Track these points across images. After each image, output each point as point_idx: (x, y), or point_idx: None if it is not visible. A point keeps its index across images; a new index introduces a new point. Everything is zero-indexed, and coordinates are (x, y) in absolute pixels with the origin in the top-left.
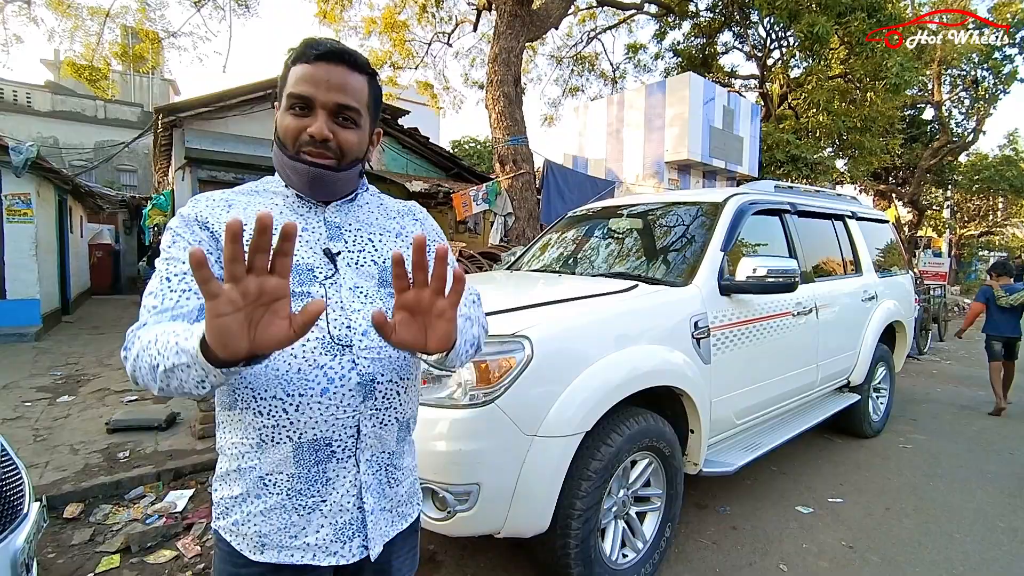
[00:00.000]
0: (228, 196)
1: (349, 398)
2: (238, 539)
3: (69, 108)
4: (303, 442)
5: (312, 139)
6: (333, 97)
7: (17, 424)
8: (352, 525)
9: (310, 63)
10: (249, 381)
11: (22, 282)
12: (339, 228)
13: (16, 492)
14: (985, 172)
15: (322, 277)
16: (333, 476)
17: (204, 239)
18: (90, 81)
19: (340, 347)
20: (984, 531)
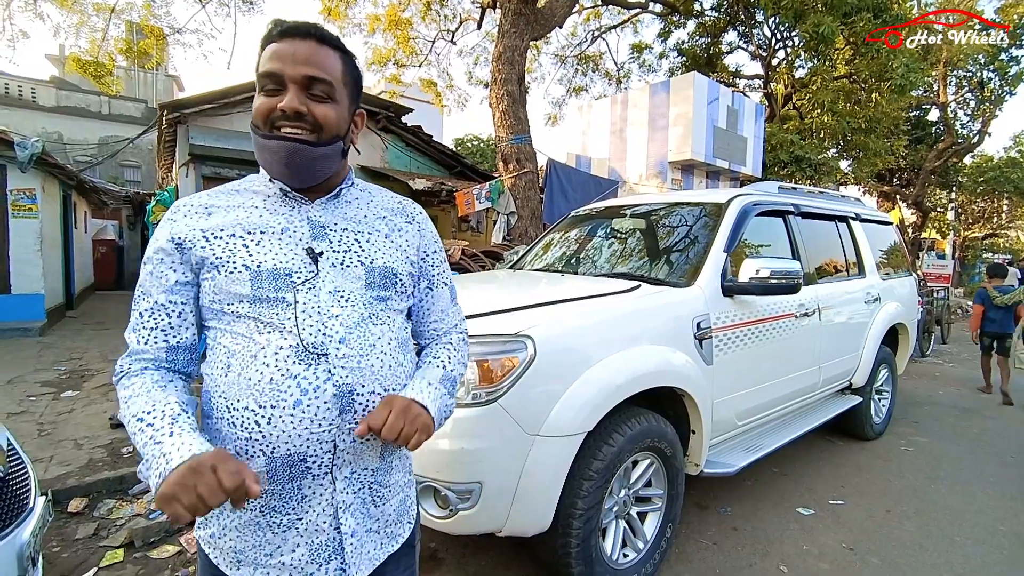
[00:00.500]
0: (209, 201)
1: (324, 411)
2: (215, 552)
3: (73, 104)
4: (276, 457)
5: (284, 114)
6: (301, 70)
7: (22, 418)
8: (328, 547)
9: (278, 41)
10: (223, 390)
11: (27, 277)
12: (323, 227)
13: (22, 486)
14: (990, 174)
15: (299, 281)
16: (309, 494)
17: (172, 251)
18: (95, 77)
19: (315, 356)
20: (985, 534)
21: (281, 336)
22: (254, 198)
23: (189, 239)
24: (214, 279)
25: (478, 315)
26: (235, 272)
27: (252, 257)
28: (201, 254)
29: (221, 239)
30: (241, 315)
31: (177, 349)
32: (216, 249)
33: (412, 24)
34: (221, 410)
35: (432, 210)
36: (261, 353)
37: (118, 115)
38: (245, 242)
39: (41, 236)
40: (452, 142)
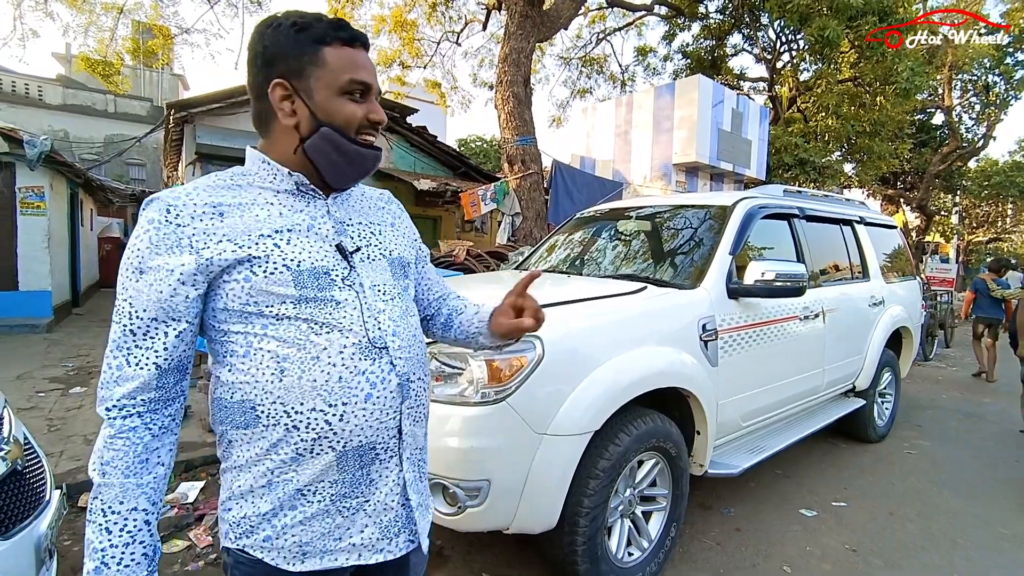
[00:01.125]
0: (212, 198)
1: (391, 400)
2: (272, 554)
3: (80, 102)
4: (348, 450)
5: (373, 124)
6: (377, 82)
7: (32, 414)
8: (398, 522)
9: (355, 48)
10: (278, 396)
11: (34, 274)
12: (343, 223)
13: (39, 480)
14: (995, 178)
15: (339, 278)
16: (376, 477)
17: (188, 265)
18: (104, 76)
19: (378, 350)
20: (987, 538)
21: (342, 335)
22: (263, 193)
23: (215, 250)
24: (250, 282)
25: None
26: (276, 273)
27: (289, 256)
28: (231, 258)
29: (251, 239)
30: (286, 316)
31: (168, 372)
32: (250, 251)
33: (417, 25)
34: (276, 415)
35: (436, 210)
36: (324, 354)
37: (124, 113)
38: (276, 241)
39: (49, 233)
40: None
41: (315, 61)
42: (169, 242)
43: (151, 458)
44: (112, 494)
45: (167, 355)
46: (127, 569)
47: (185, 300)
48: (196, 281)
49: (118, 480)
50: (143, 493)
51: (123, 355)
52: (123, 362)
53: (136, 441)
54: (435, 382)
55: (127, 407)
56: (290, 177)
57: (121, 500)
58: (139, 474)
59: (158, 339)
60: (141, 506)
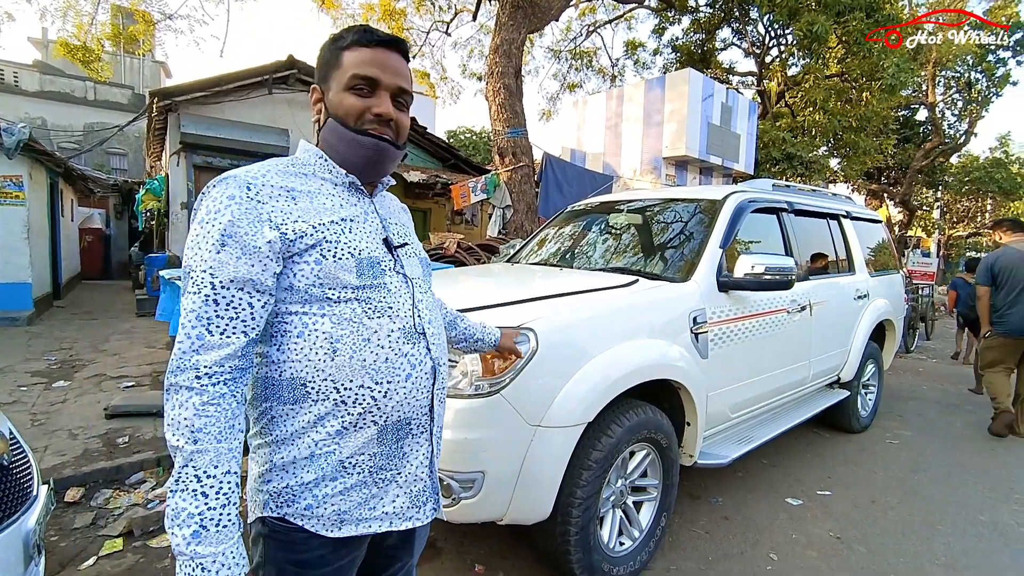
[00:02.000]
0: (285, 182)
1: (425, 380)
2: (312, 521)
3: (58, 88)
4: (388, 424)
5: (378, 117)
6: (396, 81)
7: (14, 408)
8: (426, 492)
9: (371, 48)
10: (329, 373)
11: (14, 266)
12: (385, 220)
13: (25, 474)
14: (975, 174)
15: (388, 268)
16: (408, 451)
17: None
18: (83, 62)
19: (418, 335)
20: (966, 523)
21: (391, 320)
22: (325, 185)
23: (296, 229)
24: (320, 264)
25: (480, 308)
26: (343, 259)
27: (353, 244)
28: (310, 241)
29: (324, 225)
30: (344, 300)
31: (253, 342)
32: (326, 235)
33: (406, 15)
34: (325, 391)
35: (426, 203)
36: (374, 336)
37: (104, 101)
38: (342, 228)
39: (28, 224)
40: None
41: (336, 64)
42: (251, 217)
43: (236, 424)
44: (207, 459)
45: (254, 324)
46: (225, 530)
47: (268, 273)
48: (278, 256)
49: (212, 446)
50: (233, 457)
51: (203, 325)
52: (203, 331)
53: (226, 407)
54: None
55: (217, 374)
56: (346, 176)
57: (216, 464)
58: (229, 439)
59: (243, 309)
60: (232, 469)
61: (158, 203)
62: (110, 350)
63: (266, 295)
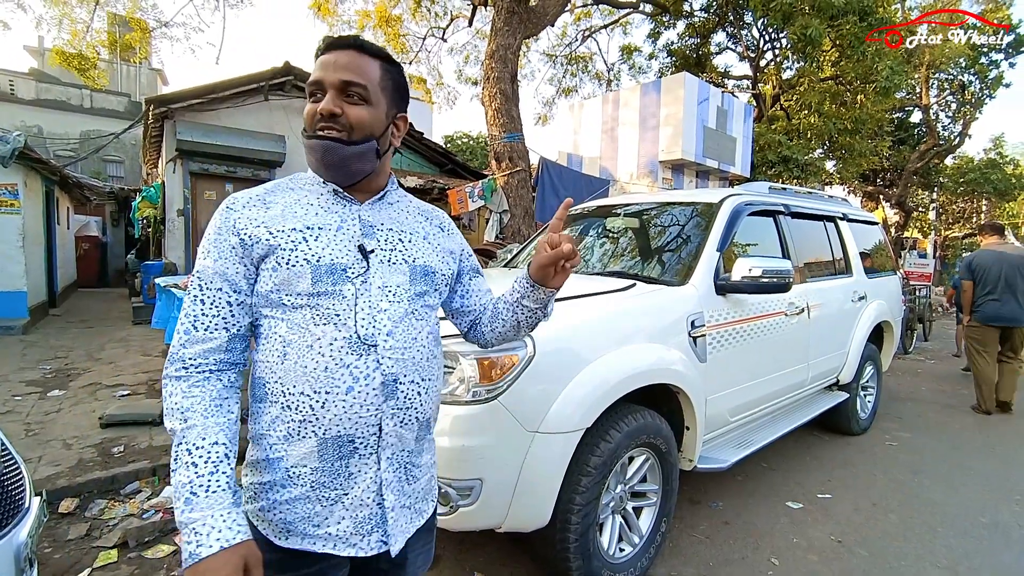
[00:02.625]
0: (265, 194)
1: (372, 397)
2: (264, 524)
3: (54, 96)
4: (327, 438)
5: (322, 116)
6: (337, 75)
7: (8, 418)
8: (371, 520)
9: (324, 54)
10: (279, 376)
11: (9, 274)
12: (372, 226)
13: (17, 486)
14: (970, 175)
15: (354, 276)
16: (355, 471)
17: (236, 245)
18: (80, 70)
19: (366, 347)
20: (966, 525)
21: (336, 328)
22: (308, 195)
23: (253, 234)
24: (276, 271)
25: None
26: (297, 266)
27: (312, 251)
28: (266, 248)
29: (284, 232)
30: (299, 306)
31: (235, 338)
32: (281, 242)
33: (402, 21)
34: (276, 394)
35: None
36: (317, 343)
37: (100, 109)
38: (305, 236)
39: (23, 232)
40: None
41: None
42: (226, 225)
43: (224, 404)
44: (195, 433)
45: (234, 321)
46: (214, 495)
47: (240, 275)
48: (244, 260)
49: (199, 420)
50: (221, 430)
51: (190, 322)
52: (190, 327)
53: (210, 388)
54: None
55: (201, 364)
56: (325, 185)
57: (203, 436)
58: (216, 414)
59: (224, 307)
60: (221, 440)
61: (154, 210)
62: (106, 358)
63: (241, 294)
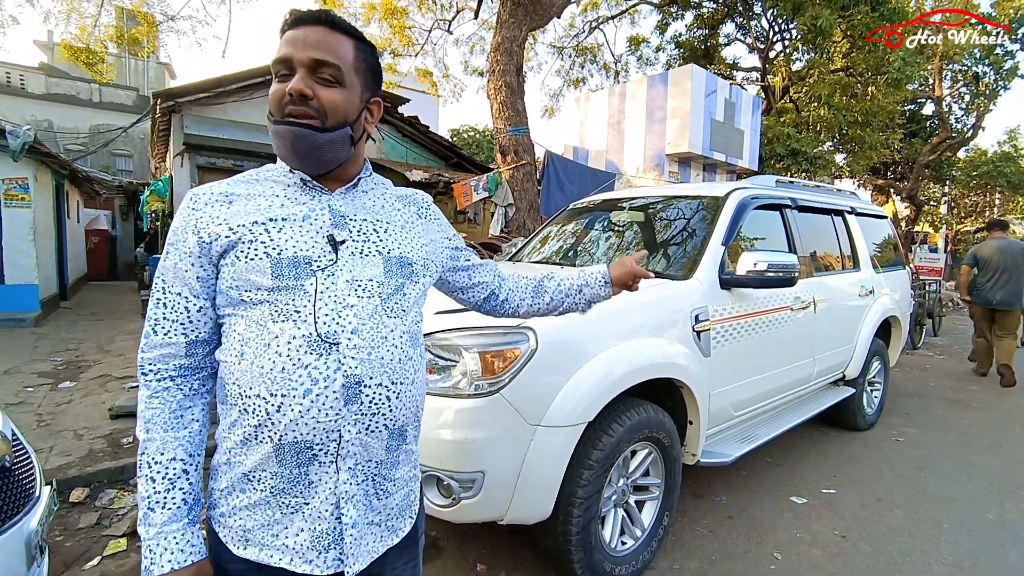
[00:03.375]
0: (228, 189)
1: (332, 401)
2: (224, 531)
3: (63, 91)
4: (284, 443)
5: (292, 97)
6: (309, 53)
7: (20, 409)
8: (328, 535)
9: (291, 28)
10: (236, 377)
11: (20, 267)
12: (343, 216)
13: (28, 476)
14: (983, 168)
15: (319, 268)
16: (315, 480)
17: (193, 247)
18: (87, 64)
19: (327, 345)
20: (973, 522)
21: (295, 325)
22: (274, 187)
23: (212, 232)
24: (234, 266)
25: None
26: (256, 259)
27: (274, 244)
28: (225, 244)
29: (244, 226)
30: (257, 302)
31: (196, 343)
32: (240, 236)
33: (408, 13)
34: (234, 396)
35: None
36: (274, 342)
37: (109, 103)
38: (267, 228)
39: (34, 226)
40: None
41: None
42: (185, 225)
43: (185, 415)
44: (154, 447)
45: (192, 327)
46: (169, 512)
47: (197, 279)
48: (202, 261)
49: (159, 434)
50: (180, 445)
51: (151, 325)
52: (150, 330)
53: (170, 399)
54: (429, 374)
55: (161, 371)
56: (294, 174)
57: (162, 452)
58: (175, 428)
59: (181, 312)
60: (179, 456)
61: (162, 204)
62: (115, 350)
63: (200, 299)
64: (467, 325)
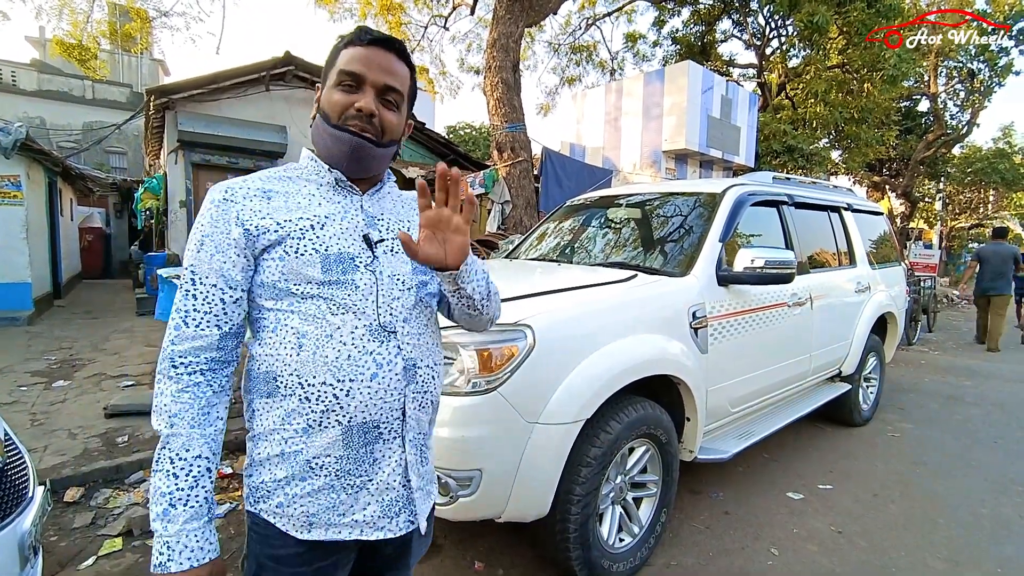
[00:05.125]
0: (264, 185)
1: (396, 382)
2: (283, 520)
3: (56, 87)
4: (353, 425)
5: (359, 113)
6: (383, 78)
7: (14, 409)
8: (399, 502)
9: (363, 46)
10: (295, 368)
11: (13, 265)
12: (374, 217)
13: (21, 476)
14: (978, 164)
15: (362, 266)
16: (380, 456)
17: (238, 238)
18: (80, 61)
19: (387, 334)
20: (967, 517)
21: (355, 316)
22: (308, 186)
23: (260, 226)
24: (284, 260)
25: None
26: (306, 255)
27: (320, 241)
28: (273, 238)
29: (291, 222)
30: (310, 296)
31: (228, 336)
32: (289, 231)
33: (404, 9)
34: (291, 387)
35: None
36: (337, 333)
37: (102, 100)
38: (312, 224)
39: (27, 224)
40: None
41: (332, 63)
42: (225, 217)
43: (212, 412)
44: (180, 443)
45: (226, 319)
46: (192, 509)
47: (237, 269)
48: (244, 252)
49: (185, 430)
50: (206, 443)
51: (181, 317)
52: (181, 323)
53: (200, 395)
54: None
55: (192, 364)
56: (330, 173)
57: (188, 448)
58: (203, 425)
59: (216, 304)
60: (204, 454)
61: (157, 201)
62: (110, 349)
63: (237, 291)
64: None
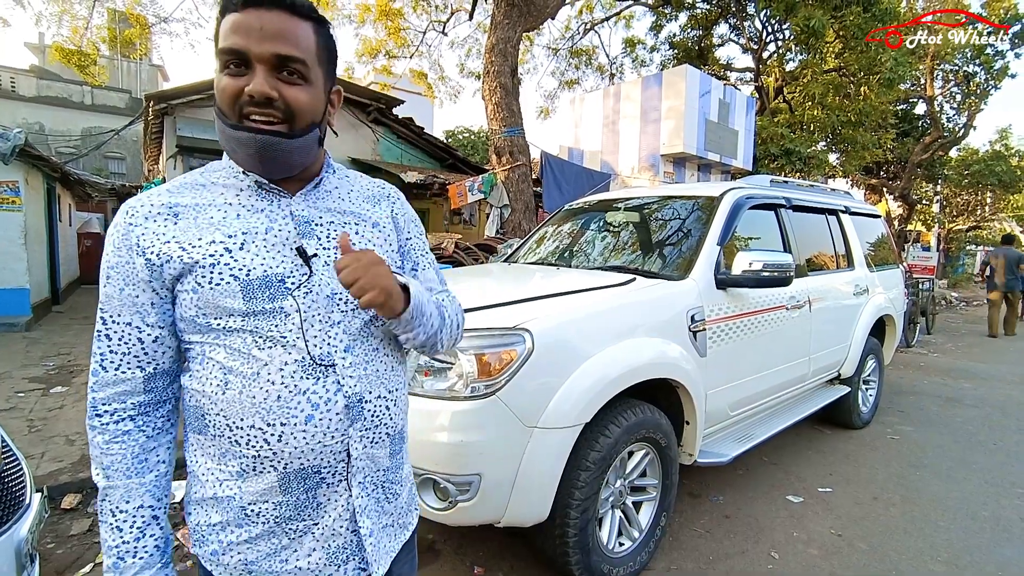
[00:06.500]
0: (171, 199)
1: (336, 423)
2: (219, 568)
3: (55, 93)
4: (289, 472)
5: (253, 100)
6: (270, 47)
7: (11, 415)
8: (346, 549)
9: (239, 10)
10: (222, 408)
11: (11, 271)
12: (309, 222)
13: (17, 483)
14: (975, 167)
15: (294, 286)
16: (324, 501)
17: (140, 269)
18: (79, 67)
19: (323, 368)
20: (967, 519)
21: (284, 351)
22: (225, 193)
23: (161, 253)
24: (197, 292)
25: (475, 308)
26: (222, 284)
27: (239, 264)
28: (179, 267)
29: (200, 247)
30: (233, 329)
31: (154, 376)
32: (197, 258)
33: (403, 14)
34: (220, 427)
35: (424, 203)
36: (264, 370)
37: (101, 105)
38: (228, 246)
39: (25, 229)
40: (443, 134)
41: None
42: (127, 244)
43: (150, 457)
44: (118, 495)
45: (149, 359)
46: (141, 561)
47: (151, 305)
48: (153, 286)
49: (121, 482)
50: (147, 491)
51: (97, 361)
52: (98, 367)
53: (132, 444)
54: (424, 376)
55: (118, 412)
56: (247, 176)
57: (127, 500)
58: (140, 473)
59: (134, 344)
60: (147, 503)
61: None
62: None
63: (155, 328)
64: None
